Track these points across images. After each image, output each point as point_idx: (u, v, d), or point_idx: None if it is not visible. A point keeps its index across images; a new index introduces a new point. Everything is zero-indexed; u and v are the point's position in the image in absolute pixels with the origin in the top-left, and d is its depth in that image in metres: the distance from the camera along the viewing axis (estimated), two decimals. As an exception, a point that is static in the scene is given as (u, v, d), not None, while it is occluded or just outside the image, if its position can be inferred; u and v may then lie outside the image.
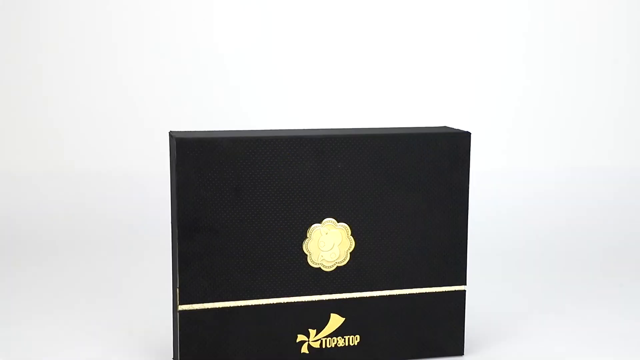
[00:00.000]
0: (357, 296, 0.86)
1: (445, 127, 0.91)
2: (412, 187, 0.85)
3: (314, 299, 0.85)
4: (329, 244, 0.84)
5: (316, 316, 0.85)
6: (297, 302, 0.84)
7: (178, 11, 1.51)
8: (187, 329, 0.81)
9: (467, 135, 0.86)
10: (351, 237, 0.85)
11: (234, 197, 0.81)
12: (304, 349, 0.85)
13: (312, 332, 0.85)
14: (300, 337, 0.85)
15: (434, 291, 0.88)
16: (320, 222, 0.84)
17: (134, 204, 1.44)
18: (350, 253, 0.85)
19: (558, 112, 1.58)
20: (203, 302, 0.81)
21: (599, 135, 1.58)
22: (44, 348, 0.91)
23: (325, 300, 0.85)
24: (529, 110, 1.57)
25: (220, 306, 0.82)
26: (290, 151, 0.82)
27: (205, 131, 0.85)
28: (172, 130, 0.88)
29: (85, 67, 1.50)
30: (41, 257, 1.28)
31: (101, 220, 1.42)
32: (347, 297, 0.85)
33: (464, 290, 0.89)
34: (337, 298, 0.85)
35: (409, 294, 0.87)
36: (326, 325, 0.85)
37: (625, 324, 1.01)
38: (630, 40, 1.58)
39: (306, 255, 0.84)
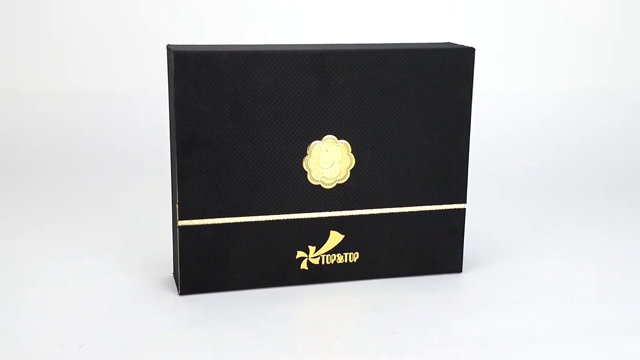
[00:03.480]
0: (357, 214, 0.86)
1: (448, 43, 0.89)
2: (414, 103, 0.84)
3: (313, 216, 0.84)
4: (329, 161, 0.83)
5: (316, 233, 0.85)
6: (297, 219, 0.84)
7: None
8: (186, 245, 0.82)
9: (471, 51, 0.84)
10: (351, 154, 0.84)
11: (233, 113, 0.80)
12: (304, 265, 0.86)
13: (312, 248, 0.85)
14: (300, 254, 0.85)
15: (434, 209, 0.87)
16: (320, 139, 0.83)
17: (132, 122, 1.43)
18: (351, 170, 0.84)
19: (560, 34, 1.55)
20: (202, 218, 0.81)
21: (598, 57, 1.56)
22: (45, 264, 0.91)
23: (325, 217, 0.85)
24: (533, 33, 1.55)
25: (220, 222, 0.82)
26: (291, 66, 0.80)
27: (204, 45, 0.83)
28: (170, 43, 0.86)
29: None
30: (40, 175, 1.28)
31: (99, 138, 1.41)
32: (347, 214, 0.85)
33: (464, 209, 0.88)
34: (337, 215, 0.85)
35: (408, 211, 0.87)
36: (326, 242, 0.86)
37: (623, 244, 1.01)
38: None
39: (306, 172, 0.83)
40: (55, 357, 0.70)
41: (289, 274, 0.85)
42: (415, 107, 0.84)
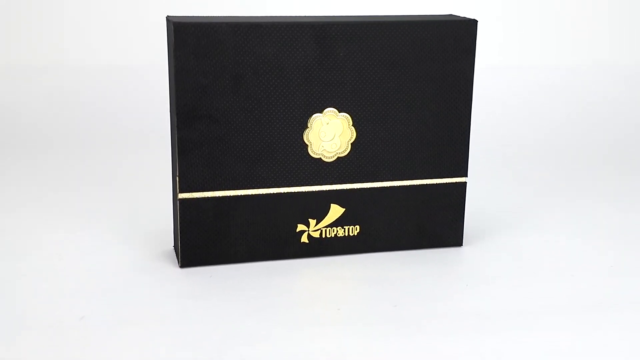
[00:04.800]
0: (358, 187, 0.85)
1: (451, 15, 0.88)
2: (415, 76, 0.83)
3: (314, 189, 0.84)
4: (329, 134, 0.83)
5: (316, 206, 0.85)
6: (298, 192, 0.84)
7: None
8: (187, 217, 0.81)
9: (473, 23, 0.84)
10: (352, 127, 0.83)
11: (233, 85, 0.79)
12: (304, 239, 0.85)
13: (312, 222, 0.85)
14: (301, 227, 0.85)
15: (435, 182, 0.87)
16: (321, 111, 0.82)
17: (133, 94, 1.43)
18: (351, 144, 0.84)
19: (561, 7, 1.54)
20: (203, 191, 0.81)
21: (599, 30, 1.55)
22: (45, 236, 0.91)
23: (326, 190, 0.85)
24: (533, 6, 1.53)
25: (220, 195, 0.82)
26: (291, 38, 0.79)
27: (204, 16, 0.82)
28: (170, 15, 0.86)
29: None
30: (40, 149, 1.28)
31: (99, 110, 1.40)
32: (348, 187, 0.85)
33: (465, 182, 0.88)
34: (338, 188, 0.85)
35: (409, 185, 0.87)
36: (326, 215, 0.85)
37: (624, 217, 1.01)
38: None
39: (307, 145, 0.83)
40: (55, 329, 0.70)
41: (289, 247, 0.85)
42: (416, 79, 0.84)
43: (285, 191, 0.84)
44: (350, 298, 0.78)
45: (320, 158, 0.84)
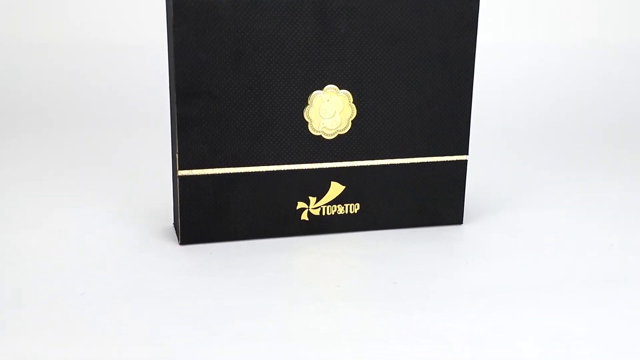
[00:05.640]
0: (358, 165, 0.85)
1: (452, -9, 0.88)
2: (417, 53, 0.83)
3: (314, 167, 0.84)
4: (330, 111, 0.83)
5: (316, 184, 0.85)
6: (298, 169, 0.84)
7: None
8: (187, 194, 0.81)
9: (475, -1, 0.83)
10: (353, 104, 0.83)
11: (233, 61, 0.79)
12: (304, 216, 0.85)
13: (312, 199, 0.85)
14: (301, 205, 0.85)
15: (436, 160, 0.87)
16: (321, 88, 0.82)
17: (132, 71, 1.42)
18: (352, 121, 0.84)
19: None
20: (203, 168, 0.81)
21: (600, 9, 1.54)
22: (46, 214, 0.91)
23: (326, 168, 0.84)
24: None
25: (220, 172, 0.82)
26: (292, 13, 0.79)
27: (203, -8, 0.81)
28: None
29: None
30: (40, 126, 1.27)
31: (99, 88, 1.40)
32: (348, 165, 0.85)
33: (466, 160, 0.88)
34: (338, 166, 0.85)
35: (410, 162, 0.86)
36: (326, 193, 0.85)
37: (623, 195, 1.01)
38: None
39: (307, 122, 0.83)
40: (55, 305, 0.70)
41: (289, 225, 0.85)
42: (418, 56, 0.83)
43: (286, 168, 0.83)
44: (350, 275, 0.78)
45: (321, 135, 0.83)
